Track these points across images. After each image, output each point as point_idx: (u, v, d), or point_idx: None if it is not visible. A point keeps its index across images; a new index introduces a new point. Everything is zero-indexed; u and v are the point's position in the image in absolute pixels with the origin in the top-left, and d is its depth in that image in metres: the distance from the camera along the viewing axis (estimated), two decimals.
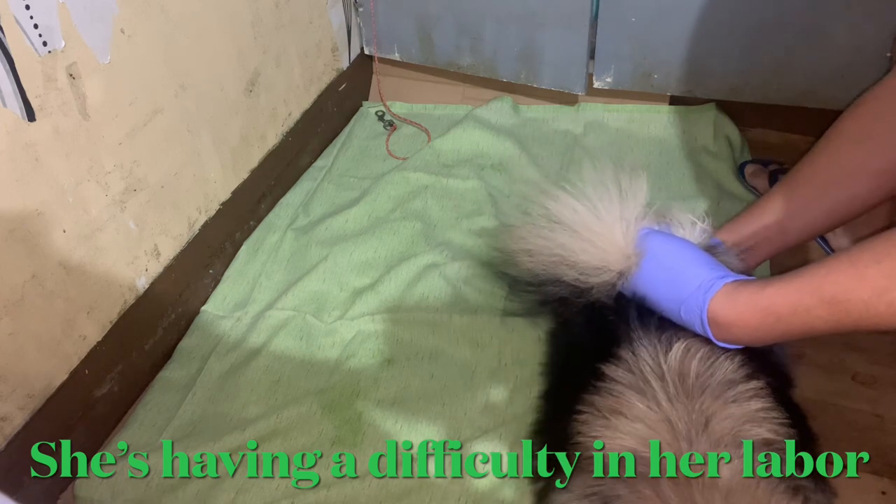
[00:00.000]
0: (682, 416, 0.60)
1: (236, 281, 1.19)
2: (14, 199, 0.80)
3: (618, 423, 0.61)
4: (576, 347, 0.73)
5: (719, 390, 0.62)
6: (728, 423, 0.61)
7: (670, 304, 0.66)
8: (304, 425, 0.95)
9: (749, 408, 0.62)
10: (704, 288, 0.64)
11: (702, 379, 0.62)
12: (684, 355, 0.64)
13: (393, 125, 1.54)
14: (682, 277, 0.65)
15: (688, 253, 0.68)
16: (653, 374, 0.63)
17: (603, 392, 0.64)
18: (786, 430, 0.63)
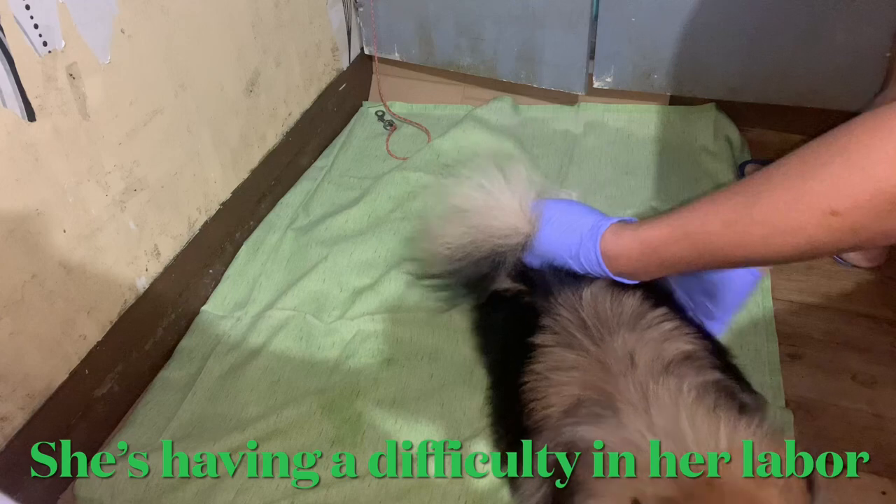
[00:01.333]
0: (610, 354, 0.66)
1: (236, 281, 1.19)
2: (14, 199, 0.80)
3: (558, 378, 0.68)
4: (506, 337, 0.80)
5: (632, 322, 0.69)
6: (650, 347, 0.67)
7: (570, 252, 0.73)
8: (304, 425, 0.95)
9: (663, 329, 0.69)
10: (595, 229, 0.72)
11: (615, 317, 0.70)
12: (594, 301, 0.72)
13: (393, 125, 1.54)
14: (576, 226, 0.73)
15: (577, 208, 0.76)
16: (574, 326, 0.70)
17: (538, 359, 0.70)
18: (700, 342, 0.70)
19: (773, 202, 0.57)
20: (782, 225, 0.57)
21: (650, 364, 0.65)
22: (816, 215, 0.54)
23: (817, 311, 1.07)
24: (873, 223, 0.52)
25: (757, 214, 0.58)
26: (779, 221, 0.57)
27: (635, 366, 0.65)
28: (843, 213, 0.53)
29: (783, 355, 1.01)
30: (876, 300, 1.08)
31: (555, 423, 0.67)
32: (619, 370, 0.65)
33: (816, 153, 0.55)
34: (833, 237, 0.54)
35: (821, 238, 0.55)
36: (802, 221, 0.55)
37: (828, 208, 0.53)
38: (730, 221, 0.60)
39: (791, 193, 0.56)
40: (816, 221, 0.54)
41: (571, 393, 0.66)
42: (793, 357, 1.01)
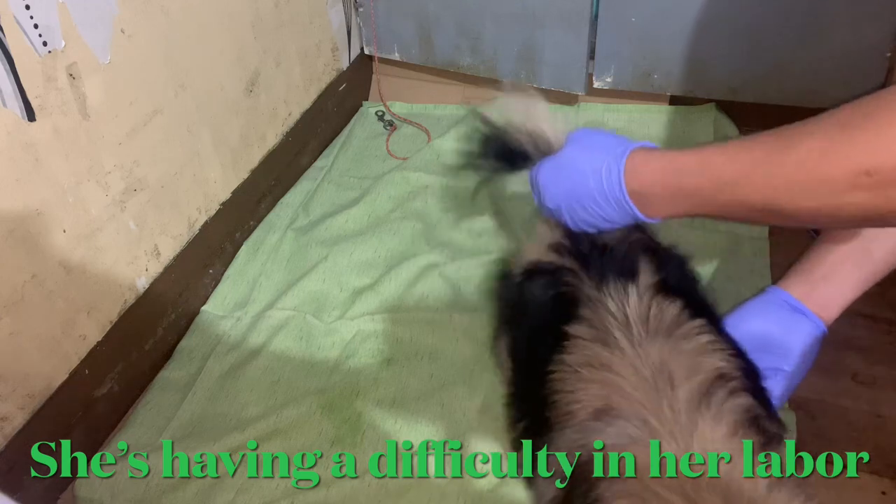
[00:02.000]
0: (644, 359, 0.65)
1: (236, 281, 1.19)
2: (14, 199, 0.80)
3: (589, 374, 0.66)
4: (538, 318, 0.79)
5: (670, 330, 0.68)
6: (685, 359, 0.66)
7: (593, 167, 0.70)
8: (304, 425, 0.95)
9: (699, 342, 0.67)
10: (626, 147, 0.70)
11: (655, 321, 0.68)
12: (639, 301, 0.70)
13: (393, 125, 1.54)
14: (605, 145, 0.71)
15: (607, 133, 0.74)
16: (613, 323, 0.69)
17: (570, 349, 0.69)
18: (735, 360, 0.68)
19: (808, 150, 0.56)
20: (812, 175, 0.56)
21: (686, 383, 0.63)
22: (849, 170, 0.53)
23: None
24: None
25: (788, 159, 0.57)
26: (809, 170, 0.56)
27: (673, 384, 0.63)
28: (876, 172, 0.52)
29: None
30: (876, 300, 1.07)
31: (580, 422, 0.66)
32: (655, 384, 0.63)
33: (853, 110, 0.55)
34: (859, 198, 0.54)
35: (846, 196, 0.54)
36: (834, 174, 0.54)
37: (862, 166, 0.53)
38: (759, 161, 0.59)
39: (825, 142, 0.55)
40: (847, 177, 0.53)
41: (601, 394, 0.65)
42: None
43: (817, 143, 0.56)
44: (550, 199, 0.75)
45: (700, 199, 0.65)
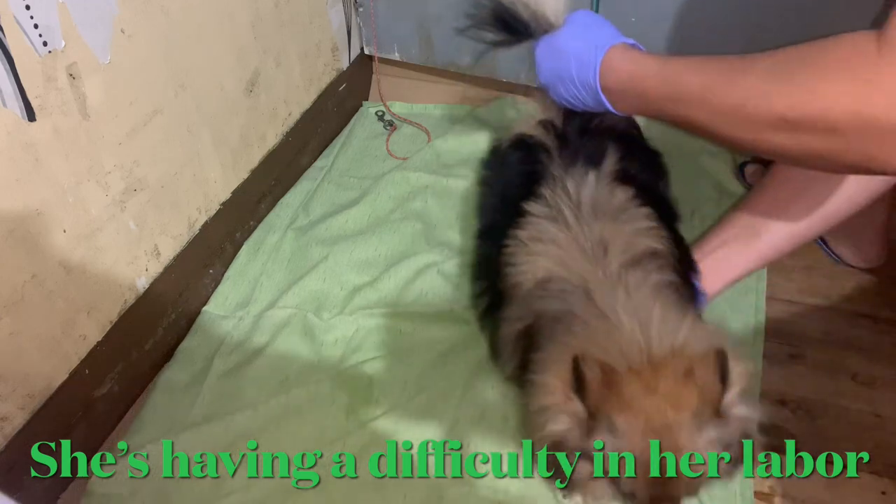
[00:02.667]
0: (587, 235, 0.73)
1: (237, 281, 1.19)
2: (14, 199, 0.80)
3: (535, 248, 0.75)
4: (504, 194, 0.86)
5: (616, 214, 0.76)
6: (622, 236, 0.74)
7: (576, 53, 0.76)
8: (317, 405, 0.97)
9: (639, 225, 0.76)
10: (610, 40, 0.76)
11: (605, 204, 0.76)
12: (595, 184, 0.78)
13: (393, 125, 1.54)
14: (594, 34, 0.77)
15: (602, 23, 0.81)
16: (565, 203, 0.77)
17: (524, 225, 0.78)
18: (670, 245, 0.76)
19: (744, 88, 0.62)
20: (741, 111, 0.62)
21: (620, 255, 0.72)
22: (773, 113, 0.59)
23: (817, 311, 1.07)
24: (811, 140, 0.58)
25: (726, 93, 0.63)
26: (739, 107, 0.62)
27: (607, 254, 0.72)
28: (791, 122, 0.58)
29: (783, 355, 1.01)
30: (876, 300, 1.08)
31: (524, 293, 0.74)
32: (592, 255, 0.72)
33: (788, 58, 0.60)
34: (777, 139, 0.60)
35: (766, 135, 0.61)
36: (758, 115, 0.60)
37: (782, 112, 0.59)
38: (705, 87, 0.65)
39: (758, 83, 0.60)
40: (769, 119, 0.60)
41: (545, 266, 0.73)
42: (793, 357, 1.01)
43: (751, 84, 0.61)
44: (543, 74, 0.82)
45: (658, 106, 0.71)
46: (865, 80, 0.53)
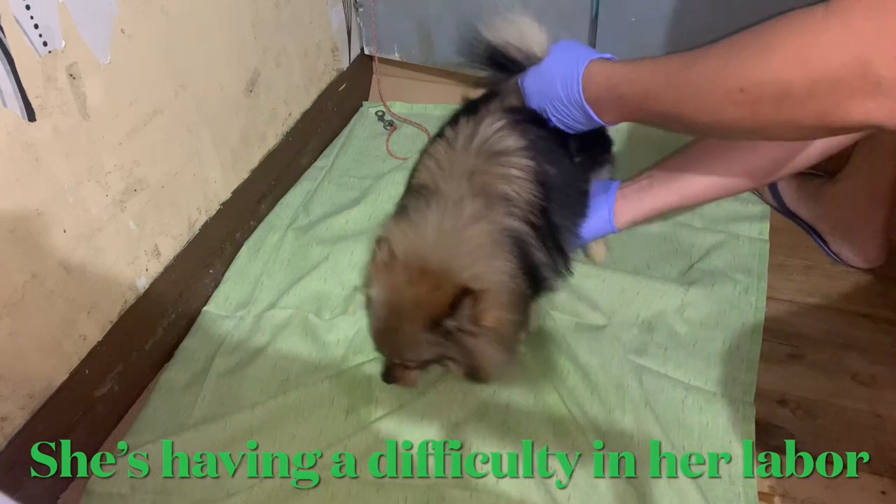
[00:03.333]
0: (460, 161, 0.86)
1: (238, 281, 1.19)
2: (14, 199, 0.80)
3: (425, 164, 0.90)
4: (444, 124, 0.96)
5: (496, 156, 0.86)
6: (486, 176, 0.85)
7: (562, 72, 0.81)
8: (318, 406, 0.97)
9: (509, 173, 0.85)
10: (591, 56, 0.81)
11: (493, 144, 0.86)
12: (492, 125, 0.87)
13: (393, 125, 1.54)
14: (578, 54, 0.81)
15: (585, 48, 0.84)
16: (464, 134, 0.88)
17: (432, 145, 0.91)
18: (531, 198, 0.85)
19: (702, 68, 0.66)
20: (701, 91, 0.66)
21: (475, 186, 0.84)
22: (729, 88, 0.63)
23: (817, 311, 1.07)
24: (767, 108, 0.61)
25: (690, 75, 0.67)
26: (700, 87, 0.66)
27: (467, 181, 0.84)
28: (747, 92, 0.62)
29: (783, 355, 1.01)
30: (876, 300, 1.08)
31: (410, 191, 0.92)
32: (457, 178, 0.85)
33: (743, 39, 0.64)
34: (736, 110, 0.64)
35: (727, 108, 0.64)
36: (717, 91, 0.65)
37: (737, 85, 0.62)
38: (669, 76, 0.70)
39: (716, 64, 0.65)
40: (727, 95, 0.63)
41: (423, 178, 0.88)
42: (793, 357, 1.01)
43: (710, 63, 0.65)
44: (532, 101, 0.87)
45: (633, 106, 0.76)
46: (811, 41, 0.57)
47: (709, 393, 0.95)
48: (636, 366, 0.98)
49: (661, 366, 0.99)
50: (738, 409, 0.93)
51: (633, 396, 0.93)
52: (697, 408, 0.94)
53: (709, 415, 0.93)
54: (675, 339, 1.03)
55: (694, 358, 1.00)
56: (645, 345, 1.02)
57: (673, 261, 1.15)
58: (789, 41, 0.59)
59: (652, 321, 1.06)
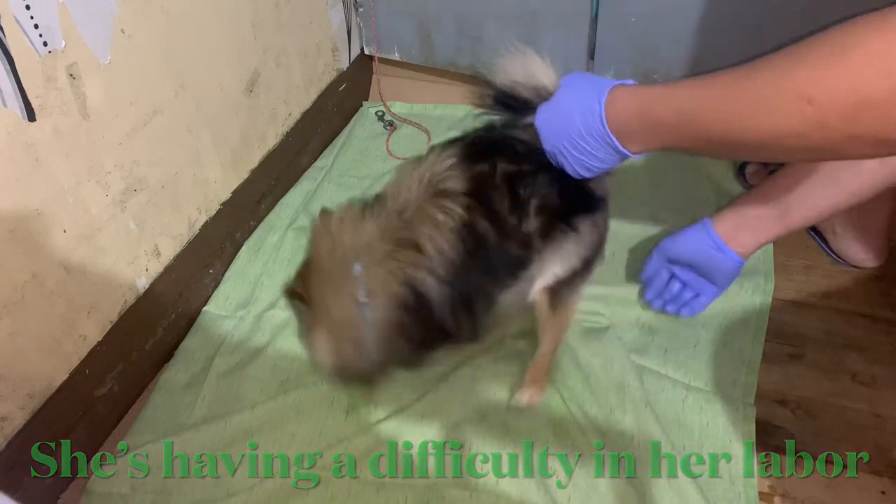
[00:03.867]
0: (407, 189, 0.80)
1: (238, 281, 1.19)
2: (14, 199, 0.80)
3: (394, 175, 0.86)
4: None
5: (431, 192, 0.79)
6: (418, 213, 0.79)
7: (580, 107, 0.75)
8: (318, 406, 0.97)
9: (435, 216, 0.78)
10: (611, 85, 0.74)
11: (435, 180, 0.80)
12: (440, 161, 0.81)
13: (393, 125, 1.54)
14: (595, 85, 0.75)
15: (599, 77, 0.78)
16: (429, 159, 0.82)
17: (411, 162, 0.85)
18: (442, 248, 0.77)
19: (759, 80, 0.60)
20: (762, 103, 0.59)
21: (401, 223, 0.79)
22: (793, 98, 0.56)
23: (817, 311, 1.07)
24: (841, 121, 0.54)
25: (742, 90, 0.61)
26: (760, 99, 0.59)
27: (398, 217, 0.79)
28: (817, 103, 0.55)
29: (783, 355, 1.01)
30: (876, 300, 1.08)
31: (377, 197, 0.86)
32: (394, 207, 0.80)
33: (808, 44, 0.57)
34: (803, 126, 0.56)
35: (792, 124, 0.57)
36: (780, 102, 0.58)
37: (805, 94, 0.55)
38: (718, 92, 0.64)
39: (776, 73, 0.58)
40: (792, 105, 0.56)
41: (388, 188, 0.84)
42: (793, 357, 1.01)
43: (772, 73, 0.59)
44: (546, 140, 0.79)
45: (668, 130, 0.69)
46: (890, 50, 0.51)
47: (709, 393, 0.95)
48: (637, 366, 0.98)
49: (661, 366, 0.99)
50: (738, 410, 0.93)
51: (634, 397, 0.93)
52: (698, 408, 0.94)
53: (709, 415, 0.93)
54: (677, 340, 1.03)
55: (695, 359, 1.00)
56: (646, 345, 1.02)
57: None
58: (869, 43, 0.52)
59: (653, 323, 1.06)
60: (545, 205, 0.80)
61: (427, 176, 0.80)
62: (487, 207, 0.78)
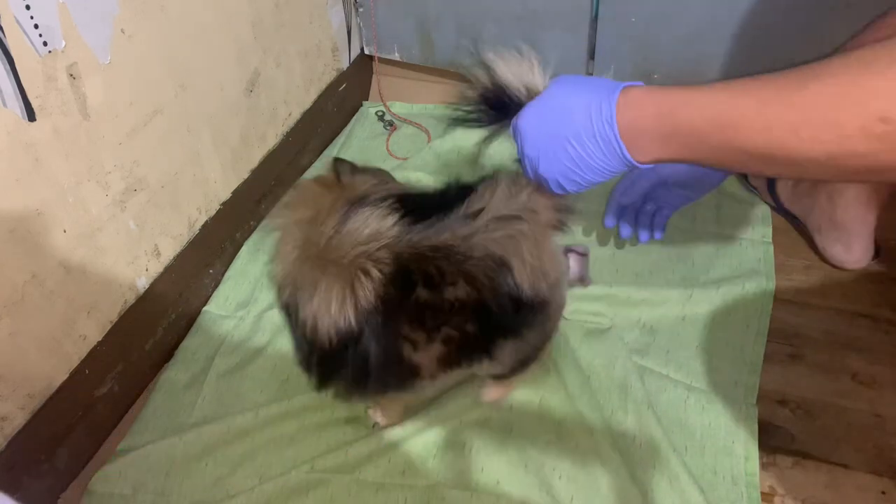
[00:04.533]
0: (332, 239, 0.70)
1: (238, 281, 1.19)
2: (14, 199, 0.80)
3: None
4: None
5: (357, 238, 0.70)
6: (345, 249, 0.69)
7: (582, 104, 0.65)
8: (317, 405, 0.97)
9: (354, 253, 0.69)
10: (619, 84, 0.65)
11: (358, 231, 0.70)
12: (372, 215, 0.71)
13: (393, 125, 1.54)
14: (596, 84, 0.66)
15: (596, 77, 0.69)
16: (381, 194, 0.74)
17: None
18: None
19: (821, 90, 0.52)
20: (822, 116, 0.51)
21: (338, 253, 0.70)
22: (864, 115, 0.49)
23: (817, 311, 1.07)
24: None
25: (798, 99, 0.53)
26: (821, 111, 0.52)
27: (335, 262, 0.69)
28: (892, 123, 0.48)
29: (783, 355, 1.01)
30: (876, 300, 1.08)
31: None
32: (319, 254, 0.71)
33: (872, 50, 0.50)
34: (869, 146, 0.50)
35: (855, 144, 0.50)
36: (846, 117, 0.50)
37: (879, 112, 0.48)
38: (766, 101, 0.55)
39: (844, 86, 0.50)
40: (861, 122, 0.49)
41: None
42: (793, 357, 1.01)
43: (831, 85, 0.51)
44: (531, 144, 0.70)
45: (694, 139, 0.60)
46: None
47: (711, 394, 0.95)
48: (638, 367, 0.98)
49: (662, 367, 0.99)
50: (740, 410, 0.93)
51: (636, 397, 0.93)
52: (700, 408, 0.94)
53: (711, 415, 0.93)
54: (678, 341, 1.03)
55: (696, 360, 1.00)
56: (647, 346, 1.02)
57: (675, 266, 1.15)
58: None
59: (654, 324, 1.06)
60: (452, 336, 0.71)
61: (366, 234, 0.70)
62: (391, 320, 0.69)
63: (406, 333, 0.70)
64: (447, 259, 0.69)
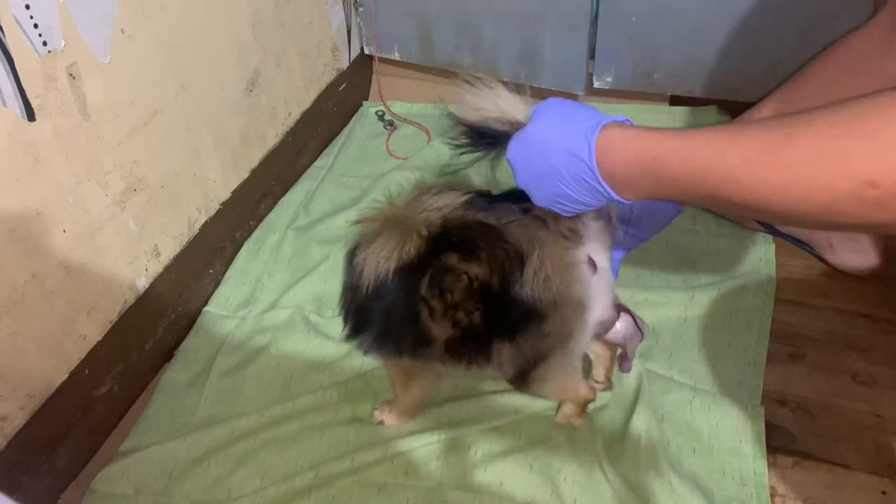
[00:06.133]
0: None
1: (238, 281, 1.19)
2: (14, 199, 0.80)
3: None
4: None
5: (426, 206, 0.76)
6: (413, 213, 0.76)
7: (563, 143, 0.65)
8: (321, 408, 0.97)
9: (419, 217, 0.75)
10: (601, 121, 0.64)
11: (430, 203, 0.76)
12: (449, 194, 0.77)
13: (393, 125, 1.54)
14: (580, 117, 0.65)
15: (581, 105, 0.68)
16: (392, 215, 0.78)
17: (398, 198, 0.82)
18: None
19: (809, 149, 0.50)
20: (809, 178, 0.50)
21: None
22: (852, 179, 0.48)
23: (817, 311, 1.07)
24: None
25: (786, 157, 0.51)
26: (807, 173, 0.50)
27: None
28: (882, 188, 0.47)
29: (783, 355, 1.01)
30: (876, 300, 1.08)
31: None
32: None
33: (871, 103, 0.49)
34: (858, 208, 0.49)
35: (844, 205, 0.49)
36: (834, 181, 0.49)
37: (868, 176, 0.47)
38: (750, 158, 0.53)
39: (834, 146, 0.49)
40: (850, 185, 0.48)
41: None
42: (793, 357, 1.01)
43: (817, 143, 0.50)
44: (520, 177, 0.70)
45: (681, 188, 0.60)
46: None
47: (716, 395, 0.95)
48: (642, 369, 0.98)
49: (666, 369, 0.99)
50: (745, 410, 0.93)
51: (642, 399, 0.93)
52: (706, 409, 0.93)
53: (717, 416, 0.92)
54: (680, 342, 1.03)
55: (699, 361, 1.00)
56: (650, 348, 1.02)
57: (677, 268, 1.15)
58: None
59: (657, 325, 1.05)
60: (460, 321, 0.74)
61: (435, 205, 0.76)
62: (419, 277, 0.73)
63: (426, 295, 0.74)
64: (485, 236, 0.73)
